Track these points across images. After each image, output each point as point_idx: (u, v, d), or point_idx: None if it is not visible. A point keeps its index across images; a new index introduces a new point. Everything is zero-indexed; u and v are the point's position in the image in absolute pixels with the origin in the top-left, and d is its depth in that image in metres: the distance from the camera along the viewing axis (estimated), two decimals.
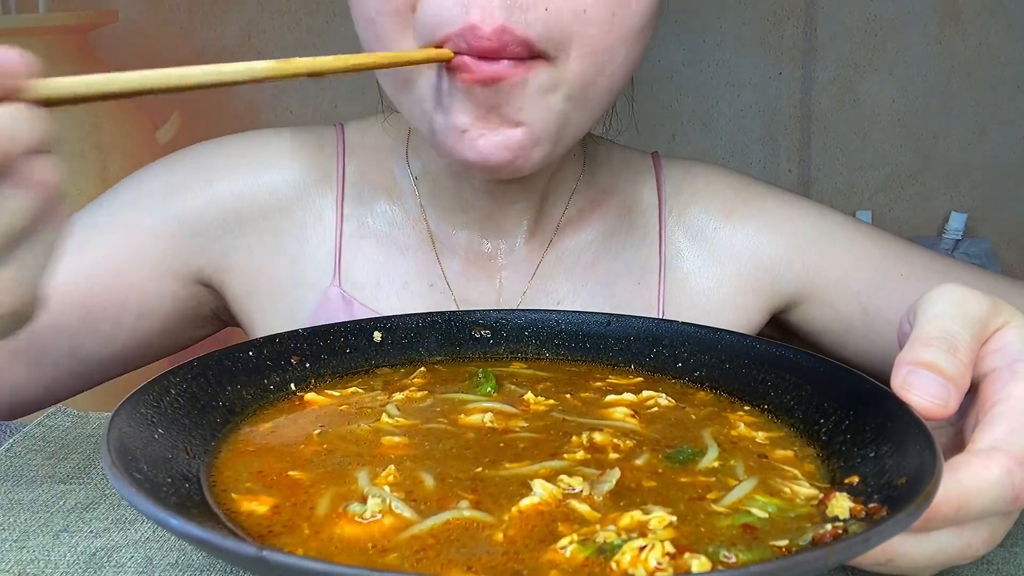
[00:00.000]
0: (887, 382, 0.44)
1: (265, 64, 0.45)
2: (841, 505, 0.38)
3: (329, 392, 0.53)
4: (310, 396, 0.53)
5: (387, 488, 0.41)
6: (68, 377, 0.74)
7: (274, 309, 0.73)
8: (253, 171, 0.73)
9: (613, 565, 0.35)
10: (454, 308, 0.71)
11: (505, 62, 0.56)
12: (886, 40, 1.32)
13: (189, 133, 1.32)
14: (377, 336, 0.58)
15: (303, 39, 1.28)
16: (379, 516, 0.39)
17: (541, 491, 0.40)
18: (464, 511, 0.39)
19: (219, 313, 0.78)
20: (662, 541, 0.36)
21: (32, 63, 0.37)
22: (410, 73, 0.59)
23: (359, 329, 0.57)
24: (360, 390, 0.54)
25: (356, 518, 0.39)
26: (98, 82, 0.40)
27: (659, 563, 0.35)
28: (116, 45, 1.32)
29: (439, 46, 0.56)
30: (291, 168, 0.74)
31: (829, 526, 0.37)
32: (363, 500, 0.40)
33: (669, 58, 1.28)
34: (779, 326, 0.79)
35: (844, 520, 0.38)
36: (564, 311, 0.61)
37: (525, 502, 0.40)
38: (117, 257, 0.71)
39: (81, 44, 1.34)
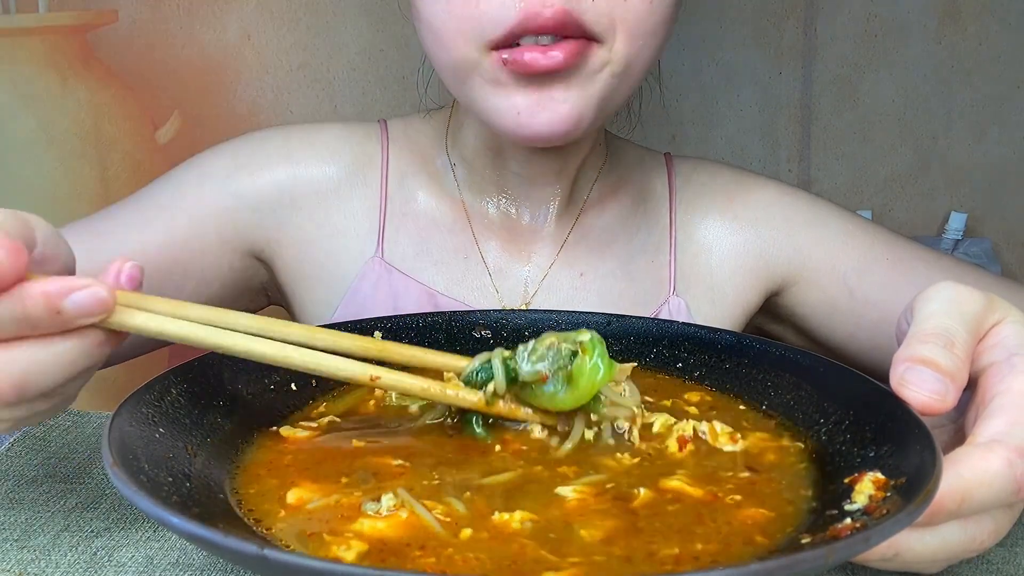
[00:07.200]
0: (874, 366, 0.45)
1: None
2: (863, 491, 0.38)
3: (340, 398, 0.53)
4: (320, 402, 0.53)
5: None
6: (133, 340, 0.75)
7: (318, 277, 0.79)
8: (308, 159, 0.79)
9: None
10: (487, 279, 0.77)
11: (561, 56, 0.61)
12: (886, 40, 1.31)
13: (189, 134, 1.32)
14: (378, 336, 0.57)
15: (303, 39, 1.28)
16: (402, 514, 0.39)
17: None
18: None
19: (267, 288, 0.84)
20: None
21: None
22: (466, 68, 0.65)
23: (360, 328, 0.57)
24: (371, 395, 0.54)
25: (372, 513, 0.39)
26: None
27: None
28: (116, 45, 1.31)
29: (500, 42, 0.62)
30: (341, 156, 0.80)
31: (848, 520, 0.37)
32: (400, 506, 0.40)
33: (669, 58, 1.28)
34: (772, 314, 0.84)
35: (858, 511, 0.38)
36: (564, 311, 0.62)
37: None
38: (182, 231, 0.76)
39: (81, 44, 1.33)
